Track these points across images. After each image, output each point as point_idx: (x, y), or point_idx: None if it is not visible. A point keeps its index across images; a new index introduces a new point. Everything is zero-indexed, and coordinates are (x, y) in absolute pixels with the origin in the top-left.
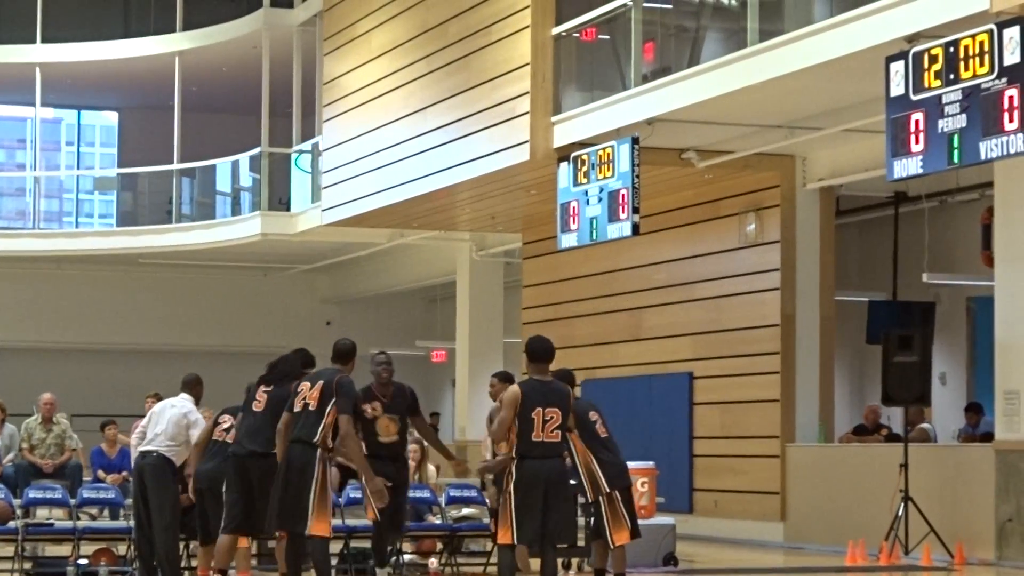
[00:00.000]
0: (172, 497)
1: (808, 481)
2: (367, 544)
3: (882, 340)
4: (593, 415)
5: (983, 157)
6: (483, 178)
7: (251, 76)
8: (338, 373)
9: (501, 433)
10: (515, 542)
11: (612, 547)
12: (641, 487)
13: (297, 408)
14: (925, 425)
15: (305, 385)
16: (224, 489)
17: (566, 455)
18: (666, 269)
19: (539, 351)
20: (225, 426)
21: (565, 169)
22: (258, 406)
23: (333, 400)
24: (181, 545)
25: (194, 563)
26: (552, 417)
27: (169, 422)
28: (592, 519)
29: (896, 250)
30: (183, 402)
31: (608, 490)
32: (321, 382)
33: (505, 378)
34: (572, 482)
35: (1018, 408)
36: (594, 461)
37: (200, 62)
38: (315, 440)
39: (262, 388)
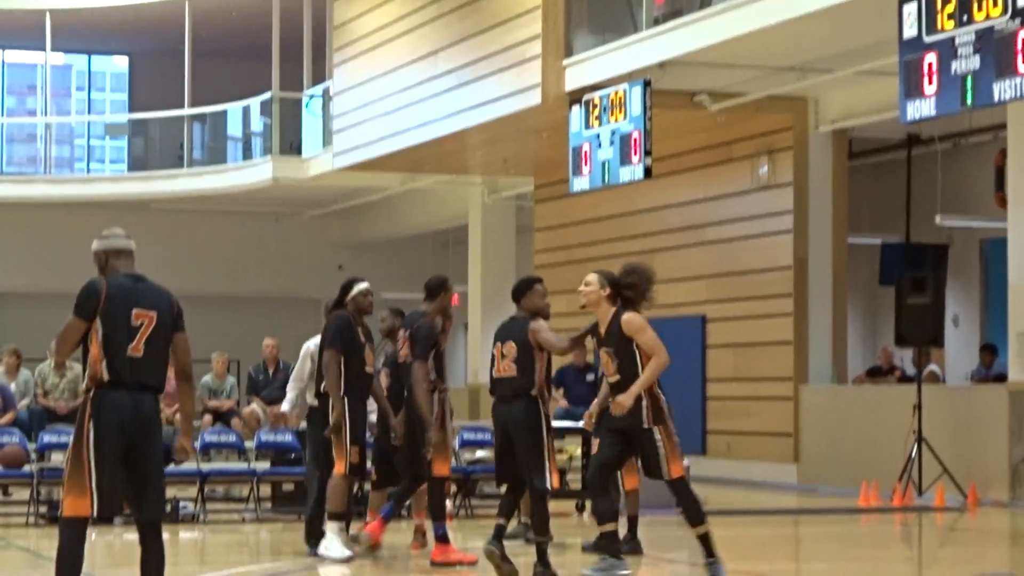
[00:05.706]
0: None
1: (821, 423)
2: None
3: (895, 282)
4: None
5: (996, 99)
6: (495, 122)
7: (261, 20)
8: (421, 318)
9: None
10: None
11: (669, 478)
12: None
13: (401, 359)
14: (933, 367)
15: (403, 335)
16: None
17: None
18: (678, 212)
19: (513, 291)
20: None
21: (577, 112)
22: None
23: None
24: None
25: None
26: (507, 352)
27: None
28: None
29: (909, 192)
30: None
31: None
32: (409, 331)
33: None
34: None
35: None
36: (660, 387)
37: (210, 6)
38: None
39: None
